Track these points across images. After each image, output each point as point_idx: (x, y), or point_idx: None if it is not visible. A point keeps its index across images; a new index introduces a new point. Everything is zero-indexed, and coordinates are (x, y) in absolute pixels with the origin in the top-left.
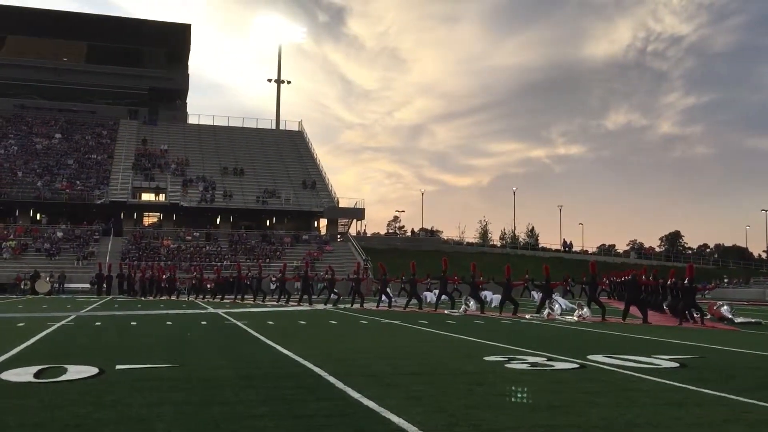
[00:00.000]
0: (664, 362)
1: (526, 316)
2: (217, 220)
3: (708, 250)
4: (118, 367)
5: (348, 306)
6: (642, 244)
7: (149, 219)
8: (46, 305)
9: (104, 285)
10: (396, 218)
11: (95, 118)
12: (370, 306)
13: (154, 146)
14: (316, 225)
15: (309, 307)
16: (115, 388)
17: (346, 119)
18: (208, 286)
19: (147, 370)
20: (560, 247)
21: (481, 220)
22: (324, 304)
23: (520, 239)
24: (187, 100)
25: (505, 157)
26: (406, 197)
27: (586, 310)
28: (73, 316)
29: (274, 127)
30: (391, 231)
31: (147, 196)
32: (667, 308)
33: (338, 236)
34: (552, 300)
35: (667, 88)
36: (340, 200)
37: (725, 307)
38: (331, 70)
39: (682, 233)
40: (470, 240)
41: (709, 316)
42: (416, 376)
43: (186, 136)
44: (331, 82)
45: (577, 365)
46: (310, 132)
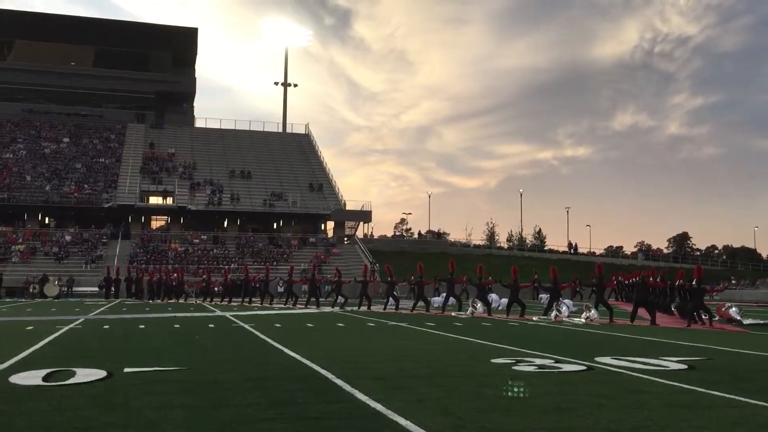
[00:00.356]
0: (673, 364)
1: (534, 318)
2: (225, 223)
3: (716, 252)
4: (126, 370)
5: (355, 308)
6: (650, 245)
7: (157, 222)
8: (55, 309)
9: (112, 288)
10: (403, 220)
11: (103, 122)
12: (377, 308)
13: (161, 150)
14: (323, 228)
15: (316, 309)
16: (124, 391)
17: (352, 122)
18: (216, 289)
19: (155, 373)
20: (567, 249)
21: (488, 222)
22: (331, 307)
23: (528, 241)
24: (195, 104)
25: (513, 158)
26: (413, 199)
27: (593, 311)
28: (81, 320)
29: (281, 130)
30: (398, 233)
31: (155, 200)
32: (676, 310)
33: (345, 239)
34: (560, 302)
35: (674, 89)
36: (347, 203)
37: (734, 309)
38: (338, 72)
39: (690, 234)
40: (477, 242)
41: (717, 318)
42: (424, 378)
43: (193, 139)
44: (338, 85)
45: (585, 367)
46: (316, 135)
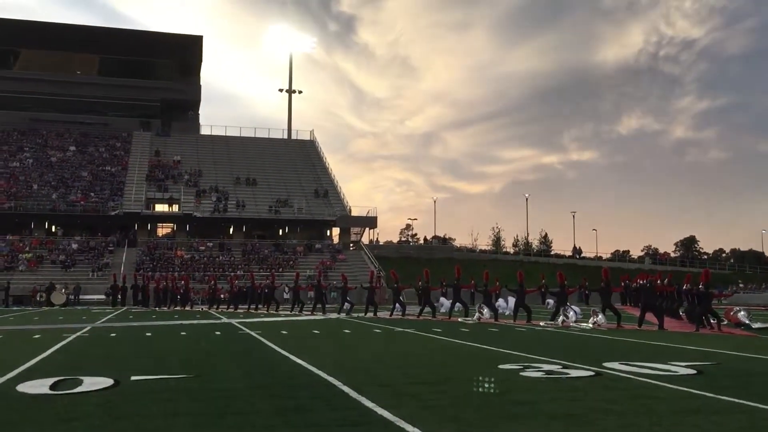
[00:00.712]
0: (681, 369)
1: (541, 324)
2: (230, 230)
3: (724, 255)
4: (133, 378)
5: (362, 315)
6: (657, 249)
7: (163, 230)
8: (62, 317)
9: (119, 296)
10: (408, 226)
11: (109, 131)
12: (383, 315)
13: (167, 157)
14: (328, 234)
15: (322, 316)
16: (131, 399)
17: (357, 128)
18: (222, 296)
19: (162, 381)
20: (578, 254)
21: (493, 227)
22: (337, 313)
23: (534, 246)
24: (200, 111)
25: (518, 163)
26: (419, 205)
27: (600, 317)
28: (88, 328)
29: (286, 137)
30: (404, 239)
31: (161, 207)
32: (684, 314)
33: (351, 245)
34: (567, 307)
35: (680, 93)
36: (353, 209)
37: (742, 313)
38: (342, 78)
39: (698, 238)
40: (483, 247)
41: (726, 322)
42: (430, 385)
43: (199, 147)
44: (343, 91)
45: (593, 373)
46: (321, 141)
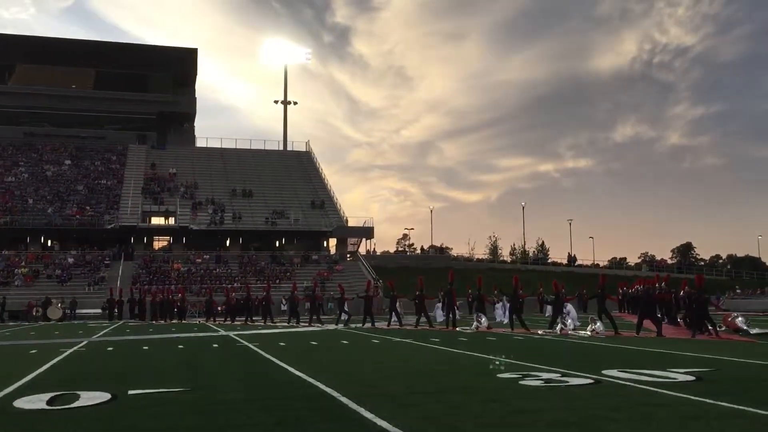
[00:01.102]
0: (680, 376)
1: (539, 332)
2: (227, 242)
3: (720, 261)
4: (130, 392)
5: (359, 326)
6: (654, 256)
7: (159, 243)
8: (58, 331)
9: (116, 310)
10: (405, 236)
11: (104, 144)
12: (381, 325)
13: (162, 170)
14: (325, 245)
15: (320, 327)
16: (129, 413)
17: (353, 138)
18: (219, 308)
19: (160, 395)
20: (573, 262)
21: (490, 236)
22: (335, 324)
23: (531, 254)
24: (195, 124)
25: (514, 172)
26: (415, 215)
27: (599, 324)
28: (84, 342)
29: (281, 148)
30: (401, 249)
31: (157, 220)
32: (682, 321)
33: (348, 255)
34: (564, 315)
35: (674, 100)
36: (349, 219)
37: (740, 318)
38: (338, 89)
39: (694, 244)
40: (480, 256)
41: (724, 328)
42: (430, 395)
43: (194, 159)
44: (338, 102)
45: (592, 380)
46: (317, 152)
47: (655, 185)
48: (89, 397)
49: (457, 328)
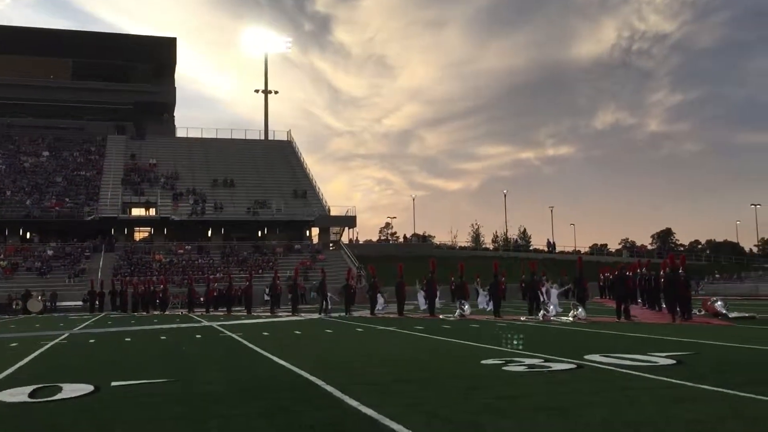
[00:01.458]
0: (661, 359)
1: (521, 318)
2: (209, 233)
3: (699, 247)
4: (113, 383)
5: (342, 314)
6: (634, 242)
7: (140, 234)
8: (39, 324)
9: (97, 302)
10: (388, 225)
11: (83, 135)
12: (364, 313)
13: (142, 161)
14: (308, 234)
15: (302, 316)
16: (112, 405)
17: (334, 127)
18: (201, 299)
19: (143, 386)
20: (552, 249)
21: (473, 224)
22: (318, 313)
23: (513, 241)
24: (175, 114)
25: (495, 160)
26: (398, 203)
27: (581, 310)
28: (66, 335)
29: (262, 138)
30: (384, 237)
31: (137, 211)
32: (665, 303)
33: (330, 245)
34: (546, 301)
35: (653, 87)
36: (332, 208)
37: (719, 303)
38: (319, 78)
39: (674, 230)
40: (463, 244)
41: (703, 312)
42: (414, 382)
43: (174, 149)
44: (319, 91)
45: (575, 365)
46: (299, 141)
47: (635, 172)
48: (72, 389)
49: (440, 316)
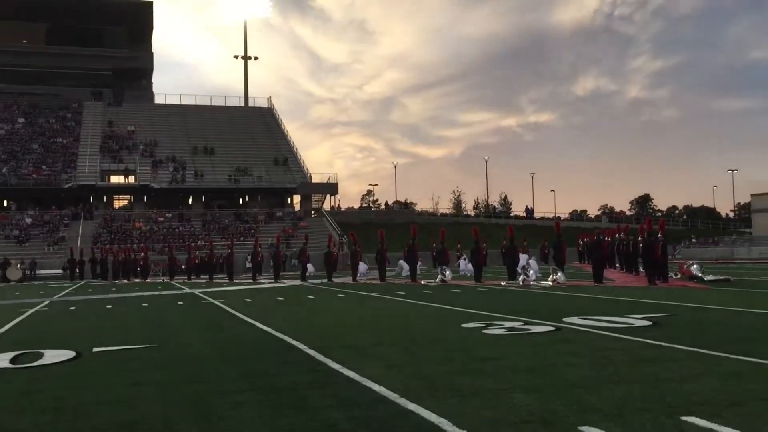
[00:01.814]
0: (638, 321)
1: (502, 283)
2: (189, 201)
3: (677, 212)
4: (95, 349)
5: (324, 281)
6: (613, 208)
7: (120, 202)
8: (19, 292)
9: (77, 270)
10: (370, 192)
11: (59, 101)
12: (346, 280)
13: (120, 128)
14: (289, 202)
15: (283, 283)
16: (94, 370)
17: (315, 94)
18: (182, 267)
19: (125, 352)
20: (530, 215)
21: (454, 191)
22: (300, 280)
23: (494, 208)
24: (153, 80)
25: (476, 126)
26: (379, 171)
27: (560, 274)
28: (46, 302)
29: (243, 105)
30: (366, 205)
31: (116, 179)
32: (642, 267)
33: (312, 212)
34: (526, 266)
35: (634, 53)
36: (313, 176)
37: (695, 266)
38: (299, 44)
39: (652, 196)
40: (444, 211)
41: (679, 275)
42: (395, 345)
43: (153, 116)
44: (300, 57)
45: (553, 328)
46: (279, 108)
47: (616, 138)
48: (53, 355)
49: (422, 281)
